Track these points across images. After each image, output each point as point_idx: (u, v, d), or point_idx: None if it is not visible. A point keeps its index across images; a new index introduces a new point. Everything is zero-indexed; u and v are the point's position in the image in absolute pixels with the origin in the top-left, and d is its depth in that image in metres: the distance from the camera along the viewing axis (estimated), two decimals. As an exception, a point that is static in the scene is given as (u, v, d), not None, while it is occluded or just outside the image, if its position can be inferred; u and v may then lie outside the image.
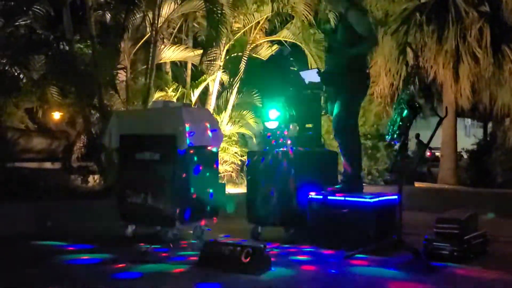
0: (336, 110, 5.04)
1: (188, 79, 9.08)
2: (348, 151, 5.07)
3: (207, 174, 5.40)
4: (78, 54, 7.71)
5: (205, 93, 9.03)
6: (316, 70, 5.46)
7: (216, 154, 5.62)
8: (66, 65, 6.93)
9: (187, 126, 5.11)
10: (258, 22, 8.76)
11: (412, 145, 12.93)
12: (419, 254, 4.24)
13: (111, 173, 6.42)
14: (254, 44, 8.97)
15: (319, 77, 5.21)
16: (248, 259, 3.87)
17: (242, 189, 8.12)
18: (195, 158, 5.28)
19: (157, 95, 8.16)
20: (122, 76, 8.03)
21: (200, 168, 5.33)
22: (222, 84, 9.01)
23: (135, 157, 5.36)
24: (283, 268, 4.05)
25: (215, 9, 7.28)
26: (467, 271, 3.95)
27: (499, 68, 9.23)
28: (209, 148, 5.43)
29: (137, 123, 5.58)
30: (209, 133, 5.37)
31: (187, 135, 5.09)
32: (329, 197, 4.93)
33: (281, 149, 5.40)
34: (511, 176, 9.05)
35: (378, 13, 10.46)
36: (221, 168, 8.74)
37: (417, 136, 12.67)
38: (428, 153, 21.58)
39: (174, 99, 8.36)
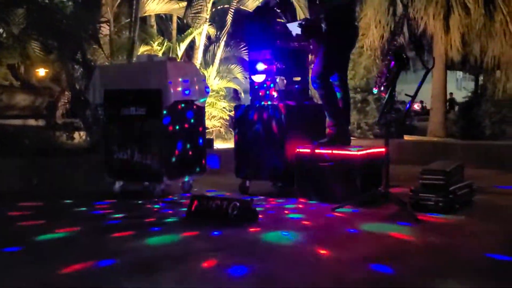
0: (316, 61, 4.97)
1: (174, 33, 8.89)
2: (328, 102, 5.03)
3: (194, 128, 5.36)
4: (59, 8, 7.48)
5: (192, 47, 8.87)
6: (298, 22, 5.36)
7: (203, 108, 5.56)
8: (46, 19, 6.73)
9: (172, 80, 5.04)
10: (246, -28, 8.55)
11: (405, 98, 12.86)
12: (405, 206, 4.27)
13: (97, 129, 6.35)
14: (242, -4, 8.78)
15: (300, 29, 5.14)
16: (235, 212, 3.89)
17: (231, 144, 8.09)
18: (181, 113, 5.23)
19: (142, 49, 8.00)
20: (105, 30, 7.84)
21: (187, 122, 5.29)
22: (209, 37, 8.84)
23: (120, 112, 5.30)
24: (270, 221, 4.07)
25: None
26: (451, 221, 3.99)
27: (490, 19, 9.09)
28: (195, 102, 5.37)
29: (122, 78, 5.48)
30: (195, 87, 5.29)
31: (172, 89, 5.03)
32: (316, 151, 4.91)
33: (269, 102, 5.35)
34: (499, 128, 9.04)
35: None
36: (209, 123, 8.69)
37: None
38: (416, 106, 21.62)
39: (160, 53, 8.20)
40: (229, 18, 8.26)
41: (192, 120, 5.36)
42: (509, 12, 8.94)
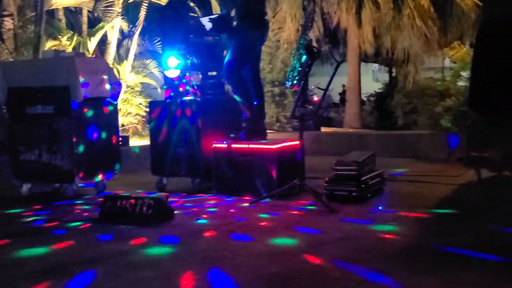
0: (227, 55, 4.97)
1: (85, 27, 8.53)
2: (240, 96, 5.04)
3: (107, 126, 5.18)
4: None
5: (104, 41, 8.56)
6: (210, 17, 5.33)
7: (115, 105, 5.38)
8: None
9: (81, 76, 4.83)
10: (158, -35, 8.35)
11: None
12: (320, 196, 4.34)
13: (1, 129, 5.99)
14: (155, -11, 8.58)
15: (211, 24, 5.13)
16: (150, 211, 3.79)
17: (148, 141, 7.91)
18: (92, 110, 5.04)
19: (50, 44, 7.62)
20: (8, 23, 7.40)
21: (98, 120, 5.10)
22: (122, 32, 8.57)
23: (26, 111, 5.04)
24: (188, 218, 4.01)
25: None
26: (363, 209, 4.10)
27: (399, 13, 9.48)
28: (107, 99, 5.18)
29: (27, 75, 5.19)
30: (107, 83, 5.11)
31: (81, 85, 4.83)
32: (233, 145, 4.90)
33: (184, 98, 5.27)
34: (411, 118, 9.45)
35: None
36: (125, 120, 8.46)
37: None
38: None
39: (69, 49, 7.85)
40: (143, 12, 8.05)
41: (104, 118, 5.17)
42: (416, 6, 9.36)
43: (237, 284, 2.50)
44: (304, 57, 4.35)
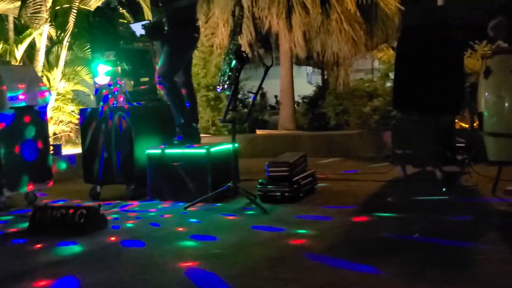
0: (160, 62, 5.01)
1: (11, 34, 8.27)
2: (173, 101, 5.08)
3: (36, 135, 5.07)
4: None
5: (33, 48, 8.32)
6: (142, 23, 5.34)
7: (45, 113, 5.27)
8: None
9: (6, 85, 4.71)
10: (88, -29, 8.21)
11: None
12: (254, 198, 4.46)
13: None
14: (83, -6, 8.44)
15: (143, 30, 5.15)
16: (82, 220, 3.76)
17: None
18: (20, 119, 4.92)
19: (-26, 53, 7.35)
20: None
21: (27, 129, 4.99)
22: (51, 39, 8.36)
23: None
24: (122, 225, 4.01)
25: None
26: (295, 209, 4.25)
27: (327, 18, 9.78)
28: (35, 108, 5.08)
29: None
30: (34, 91, 5.00)
31: (7, 95, 4.71)
32: (166, 151, 4.93)
33: (116, 104, 5.24)
34: (342, 118, 9.75)
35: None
36: (57, 128, 8.27)
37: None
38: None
39: (-5, 57, 7.60)
40: (71, 18, 7.89)
41: (33, 127, 5.06)
42: (343, 11, 9.69)
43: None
44: (234, 62, 4.45)
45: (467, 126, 7.92)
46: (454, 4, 12.91)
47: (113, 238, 3.62)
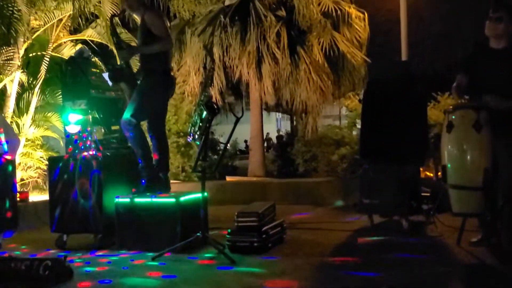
0: (127, 108, 5.06)
1: (-18, 80, 8.24)
2: (137, 146, 5.11)
3: (2, 183, 5.02)
4: None
5: (4, 94, 8.29)
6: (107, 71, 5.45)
7: (12, 161, 5.24)
8: None
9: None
10: (61, 20, 8.30)
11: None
12: (223, 248, 4.47)
13: None
14: (57, 43, 8.49)
15: (107, 76, 5.25)
16: (47, 273, 3.71)
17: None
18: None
19: None
20: None
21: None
22: (22, 85, 8.36)
23: None
24: (86, 277, 3.96)
25: (6, 5, 6.69)
26: (264, 261, 4.27)
27: (296, 68, 10.04)
28: (2, 155, 5.05)
29: None
30: (2, 140, 4.99)
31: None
32: (135, 200, 4.94)
33: (86, 153, 5.24)
34: (311, 165, 9.88)
35: (185, 14, 10.63)
36: (25, 174, 8.15)
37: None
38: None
39: (-36, 103, 7.54)
40: (43, 66, 7.92)
41: (-1, 174, 5.02)
42: (311, 62, 9.98)
43: None
44: (205, 113, 4.56)
45: (431, 175, 8.15)
46: (416, 57, 13.52)
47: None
